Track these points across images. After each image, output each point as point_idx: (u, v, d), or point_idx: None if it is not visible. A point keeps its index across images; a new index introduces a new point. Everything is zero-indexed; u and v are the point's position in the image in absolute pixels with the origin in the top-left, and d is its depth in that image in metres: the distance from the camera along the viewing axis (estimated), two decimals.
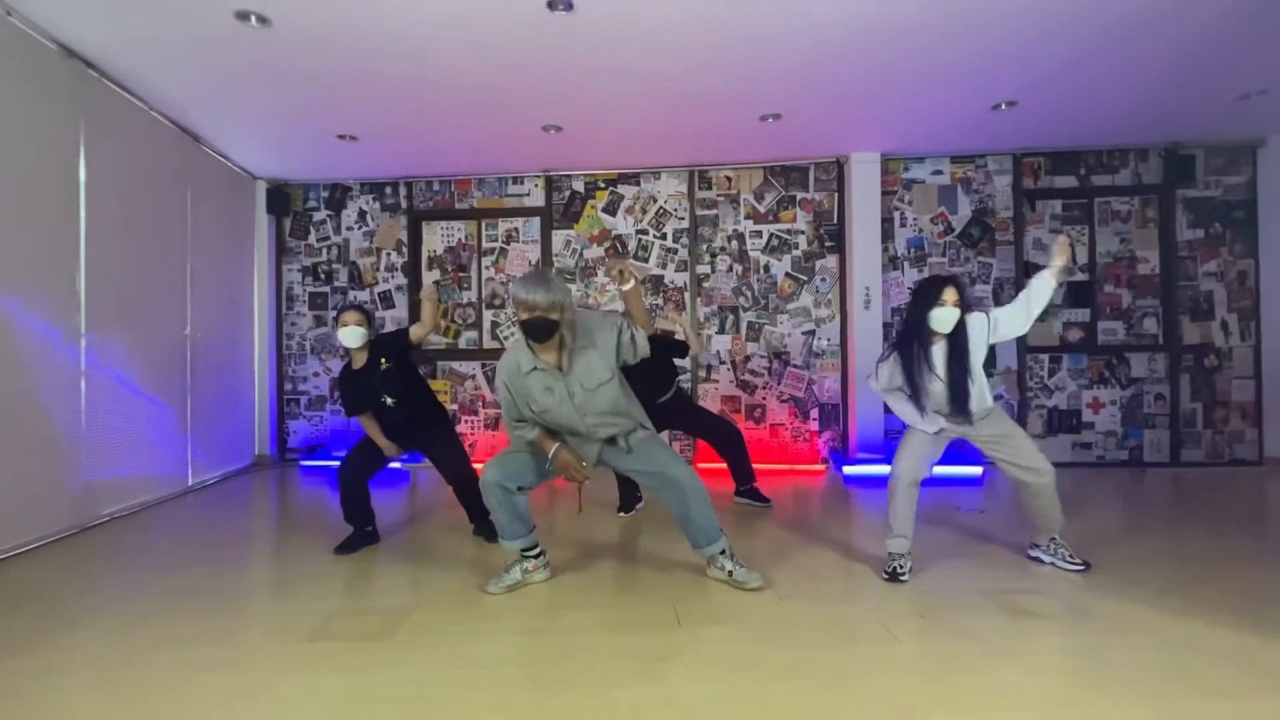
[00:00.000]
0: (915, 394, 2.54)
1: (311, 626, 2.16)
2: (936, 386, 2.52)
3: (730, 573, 2.45)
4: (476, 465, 3.01)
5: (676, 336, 3.95)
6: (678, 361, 3.96)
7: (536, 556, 2.55)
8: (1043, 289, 2.51)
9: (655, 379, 3.53)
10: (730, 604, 2.32)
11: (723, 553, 2.47)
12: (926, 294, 2.49)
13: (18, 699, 1.73)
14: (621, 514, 3.62)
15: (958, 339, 2.48)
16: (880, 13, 3.08)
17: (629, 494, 3.67)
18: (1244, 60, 3.64)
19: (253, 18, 3.03)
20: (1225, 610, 2.18)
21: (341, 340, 2.97)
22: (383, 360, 2.99)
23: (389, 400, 3.00)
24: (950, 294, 2.44)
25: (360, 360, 3.03)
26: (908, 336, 2.56)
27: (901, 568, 2.54)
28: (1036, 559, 2.73)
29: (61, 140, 3.34)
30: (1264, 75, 3.85)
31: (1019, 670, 1.82)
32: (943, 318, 2.44)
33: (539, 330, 2.20)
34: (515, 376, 2.32)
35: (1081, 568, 2.61)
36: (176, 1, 2.93)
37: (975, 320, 2.50)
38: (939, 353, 2.51)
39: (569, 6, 2.97)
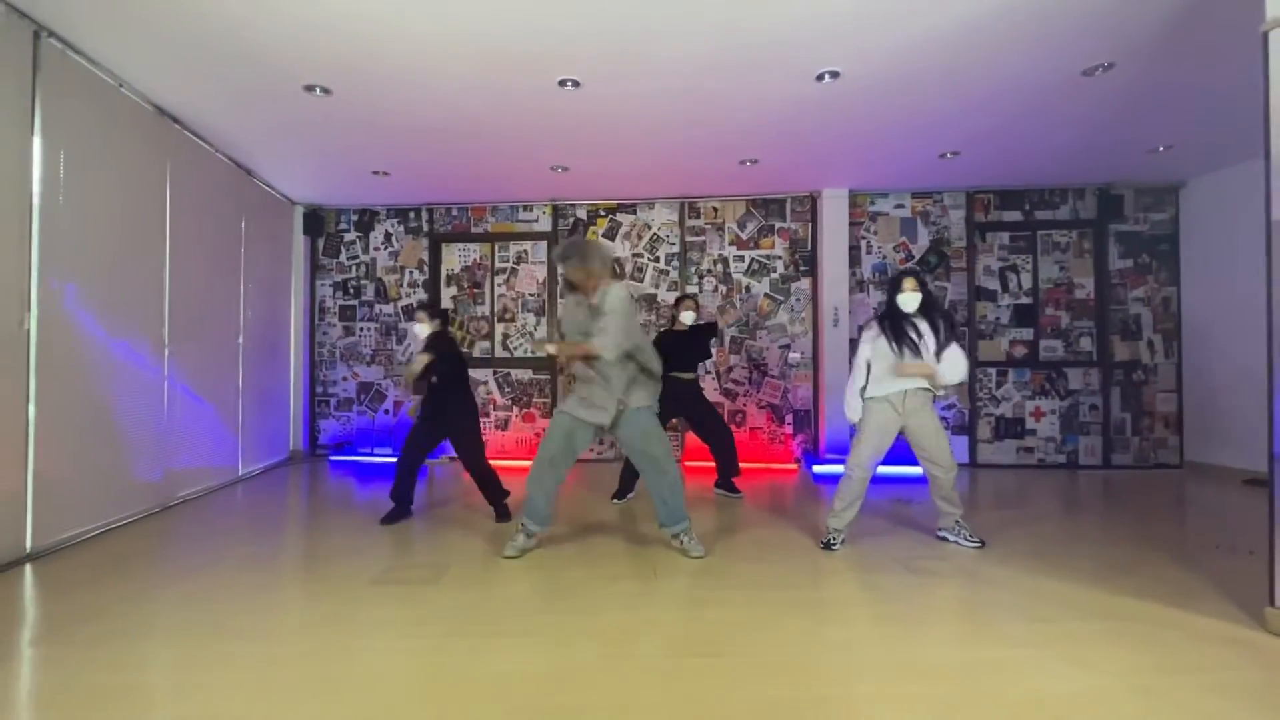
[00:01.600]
0: (896, 347, 3.19)
1: (373, 575, 2.82)
2: (921, 346, 3.18)
3: (683, 544, 3.08)
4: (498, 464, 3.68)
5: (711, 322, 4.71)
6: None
7: (531, 535, 3.15)
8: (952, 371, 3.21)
9: (686, 356, 4.27)
10: (698, 564, 2.98)
11: (683, 532, 3.09)
12: (894, 285, 3.29)
13: (169, 616, 2.39)
14: (615, 501, 4.27)
15: (923, 317, 3.22)
16: (835, 88, 3.75)
17: (627, 483, 4.32)
18: (1154, 120, 4.30)
19: (318, 89, 3.71)
20: (1078, 573, 2.84)
21: (415, 332, 3.83)
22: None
23: (435, 379, 3.74)
24: (909, 283, 3.23)
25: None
26: (885, 316, 3.28)
27: (835, 540, 3.21)
28: (943, 538, 3.38)
29: (153, 182, 4.01)
30: (1170, 132, 4.53)
31: (901, 606, 2.48)
32: (906, 300, 3.21)
33: (570, 285, 3.07)
34: (571, 299, 3.12)
35: (978, 545, 3.26)
36: (256, 76, 3.60)
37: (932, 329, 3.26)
38: (918, 323, 3.22)
39: (576, 84, 3.65)
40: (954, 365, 3.18)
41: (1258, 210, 5.04)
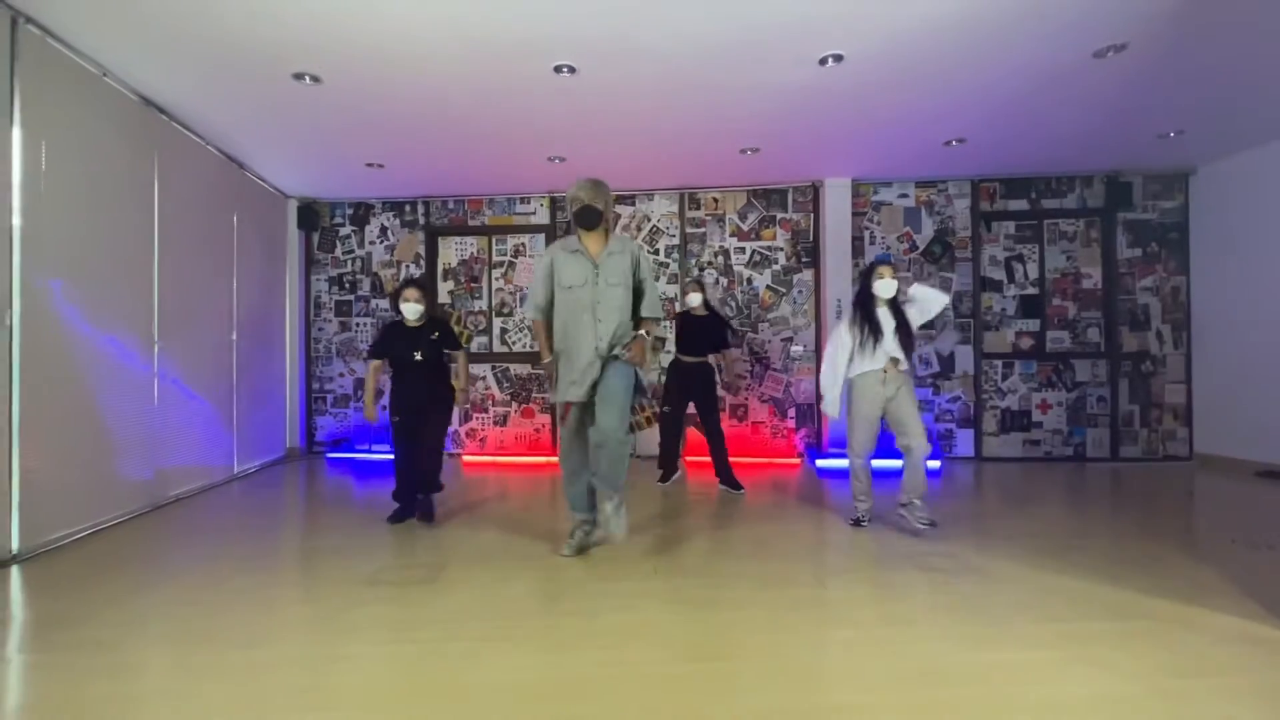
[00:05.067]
0: (867, 341, 3.35)
1: (367, 575, 2.75)
2: (885, 333, 3.36)
3: (607, 518, 2.78)
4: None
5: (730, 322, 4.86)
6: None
7: (591, 525, 3.03)
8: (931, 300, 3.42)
9: (698, 340, 4.41)
10: (700, 561, 2.90)
11: (612, 502, 2.79)
12: (869, 272, 3.46)
13: (151, 622, 2.32)
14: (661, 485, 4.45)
15: (896, 305, 3.42)
16: (836, 73, 3.65)
17: (670, 463, 4.52)
18: (1164, 105, 4.19)
19: (307, 77, 3.61)
20: (1090, 569, 2.76)
21: (404, 313, 3.56)
22: (436, 333, 3.61)
23: (419, 355, 3.54)
24: (886, 270, 3.39)
25: (413, 324, 3.58)
26: (860, 302, 3.46)
27: (864, 518, 3.42)
28: (902, 516, 3.41)
29: (140, 175, 3.92)
30: (1181, 118, 4.42)
31: (909, 605, 2.40)
32: (883, 287, 3.39)
33: (587, 216, 2.87)
34: (561, 253, 2.94)
35: (929, 526, 3.28)
36: (244, 65, 3.51)
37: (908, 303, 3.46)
38: (884, 314, 3.41)
39: (572, 70, 3.55)
40: (929, 296, 3.40)
41: (1271, 196, 4.99)
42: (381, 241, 6.23)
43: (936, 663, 1.96)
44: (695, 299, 4.43)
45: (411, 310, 3.56)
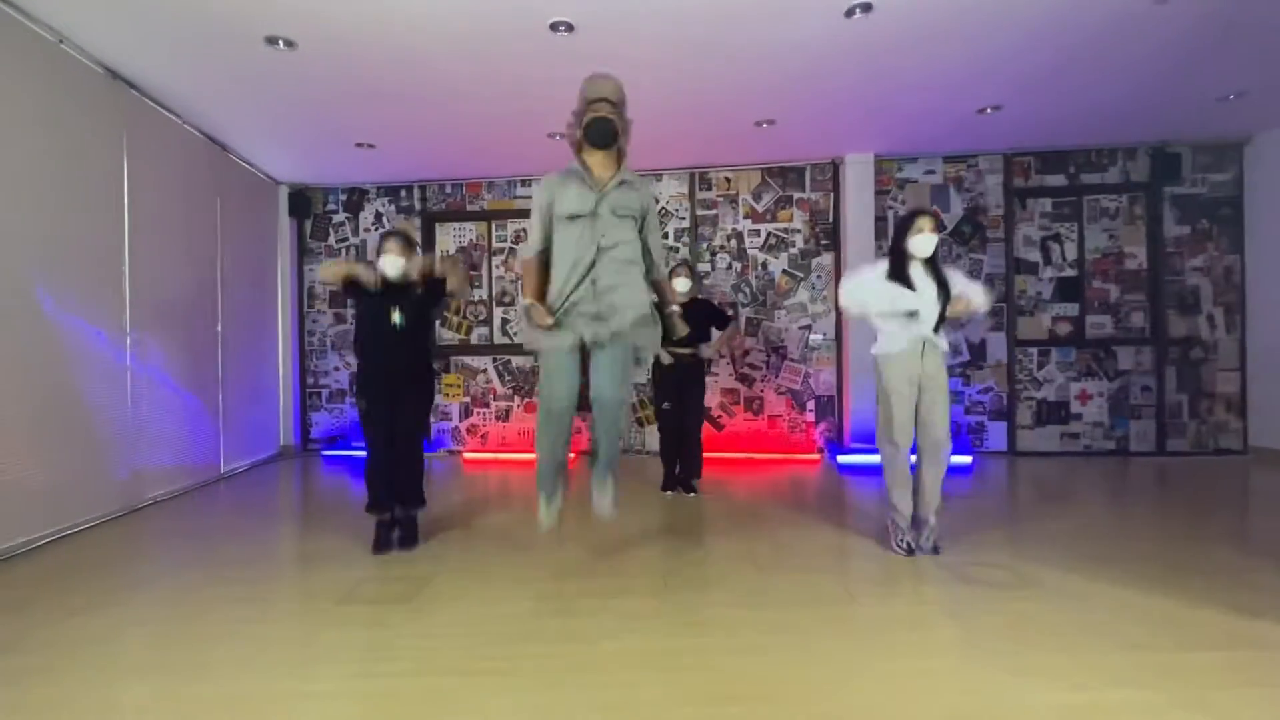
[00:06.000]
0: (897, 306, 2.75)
1: (344, 589, 2.45)
2: (922, 300, 2.72)
3: (599, 493, 2.42)
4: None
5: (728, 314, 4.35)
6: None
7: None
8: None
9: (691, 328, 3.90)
10: (714, 574, 2.57)
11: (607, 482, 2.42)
12: (906, 224, 2.77)
13: (91, 648, 2.03)
14: (689, 495, 3.98)
15: (936, 266, 2.78)
16: (863, 30, 3.29)
17: (673, 467, 4.04)
18: (1222, 63, 3.78)
19: (280, 42, 3.30)
20: (1164, 583, 2.39)
21: (382, 267, 2.89)
22: (420, 289, 2.95)
23: (397, 317, 2.86)
24: (926, 222, 2.71)
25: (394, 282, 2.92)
26: (892, 260, 2.81)
27: (904, 540, 2.78)
28: (896, 528, 2.84)
29: (106, 154, 3.64)
30: (1242, 77, 4.00)
31: (961, 628, 2.06)
32: (920, 244, 2.71)
33: (605, 132, 2.24)
34: (560, 176, 2.33)
35: (934, 551, 2.76)
36: (211, 28, 3.20)
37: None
38: (920, 275, 2.75)
39: (570, 28, 3.21)
40: (972, 294, 2.80)
41: None
42: (377, 228, 5.92)
43: (1005, 703, 1.62)
44: (683, 284, 3.91)
45: (392, 265, 2.90)
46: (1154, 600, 2.23)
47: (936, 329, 2.76)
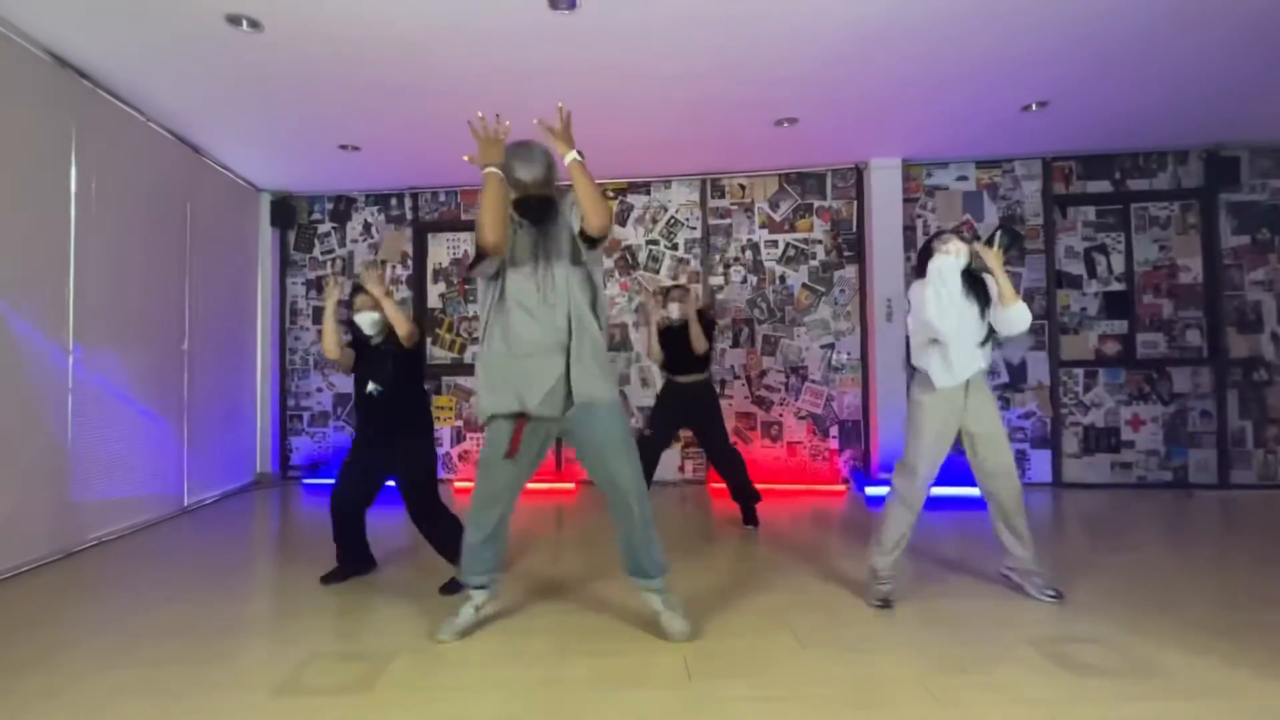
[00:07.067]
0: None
1: (287, 671, 1.97)
2: (966, 325, 2.39)
3: (658, 614, 2.17)
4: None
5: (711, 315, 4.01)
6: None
7: (488, 588, 2.26)
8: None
9: (690, 357, 3.56)
10: (747, 653, 2.09)
11: (658, 591, 2.19)
12: (926, 252, 2.47)
13: None
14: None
15: (974, 279, 2.45)
16: (902, 11, 2.89)
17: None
18: None
19: (244, 22, 2.91)
20: None
21: (360, 327, 2.75)
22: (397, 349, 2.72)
23: (371, 387, 2.67)
24: (952, 245, 2.38)
25: (373, 341, 2.78)
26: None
27: (892, 597, 2.45)
28: (1008, 577, 2.61)
29: (52, 149, 3.24)
30: None
31: None
32: (950, 267, 2.36)
33: (539, 209, 2.06)
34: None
35: (1055, 597, 2.45)
36: (164, 7, 2.81)
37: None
38: (961, 296, 2.41)
39: (571, 6, 2.81)
40: (1014, 315, 2.37)
41: None
42: (365, 240, 5.52)
43: None
44: (675, 309, 3.57)
45: (370, 323, 2.74)
46: None
47: (984, 343, 2.43)
